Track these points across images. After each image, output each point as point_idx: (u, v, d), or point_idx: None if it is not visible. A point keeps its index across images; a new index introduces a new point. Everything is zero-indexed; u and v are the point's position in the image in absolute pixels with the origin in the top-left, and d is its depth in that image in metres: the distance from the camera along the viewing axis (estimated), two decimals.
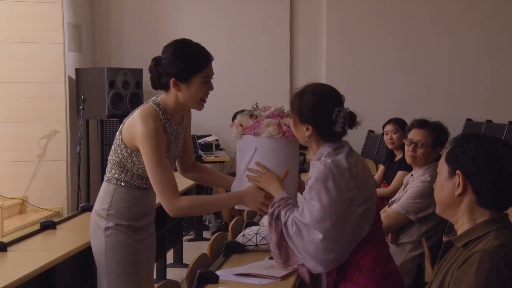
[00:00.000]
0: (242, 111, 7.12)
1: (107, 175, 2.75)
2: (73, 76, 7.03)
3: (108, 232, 2.69)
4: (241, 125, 2.71)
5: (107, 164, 2.79)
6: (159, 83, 2.68)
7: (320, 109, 2.43)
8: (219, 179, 3.06)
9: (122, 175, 2.70)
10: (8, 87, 6.65)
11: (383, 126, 5.25)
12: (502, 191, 1.80)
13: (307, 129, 2.44)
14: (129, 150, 2.65)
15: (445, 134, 3.63)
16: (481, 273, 1.69)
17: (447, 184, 1.87)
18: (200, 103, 2.76)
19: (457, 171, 1.83)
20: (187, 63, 2.66)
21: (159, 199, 2.63)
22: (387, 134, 5.08)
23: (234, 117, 6.96)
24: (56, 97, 6.79)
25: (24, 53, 6.68)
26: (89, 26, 7.65)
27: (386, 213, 3.48)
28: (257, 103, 2.87)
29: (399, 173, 4.68)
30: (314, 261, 2.34)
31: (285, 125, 2.62)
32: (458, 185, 1.83)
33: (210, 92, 2.80)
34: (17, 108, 6.68)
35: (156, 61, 2.69)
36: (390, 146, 5.08)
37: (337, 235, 2.33)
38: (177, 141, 2.81)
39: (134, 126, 2.62)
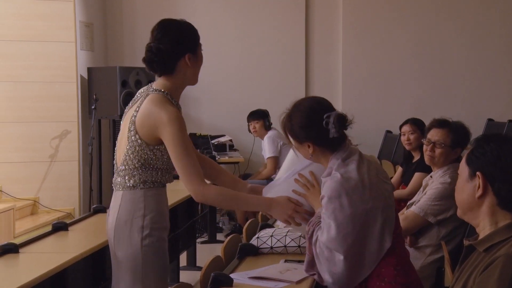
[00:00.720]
0: (258, 111, 7.11)
1: (127, 183, 2.64)
2: (85, 76, 7.07)
3: (146, 241, 2.62)
4: None
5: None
6: (166, 67, 2.64)
7: (310, 123, 2.45)
8: (228, 179, 2.92)
9: (149, 176, 2.65)
10: (20, 87, 6.69)
11: (400, 127, 5.22)
12: None
13: (309, 147, 2.47)
14: (151, 147, 2.61)
15: (466, 134, 3.60)
16: (504, 278, 1.68)
17: (467, 186, 1.86)
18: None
19: (477, 173, 1.82)
20: (193, 34, 2.68)
21: (184, 184, 2.59)
22: (404, 134, 5.06)
23: (250, 115, 7.01)
24: (67, 96, 6.82)
25: (35, 52, 6.72)
26: (101, 25, 7.69)
27: (405, 215, 3.46)
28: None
29: (417, 175, 4.66)
30: (340, 280, 2.37)
31: None
32: (478, 187, 1.82)
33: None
34: (28, 108, 6.71)
35: (157, 47, 2.62)
36: (407, 147, 5.06)
37: (360, 252, 2.35)
38: None
39: (151, 117, 2.57)
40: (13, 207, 5.90)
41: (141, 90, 2.75)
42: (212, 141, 7.16)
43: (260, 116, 6.74)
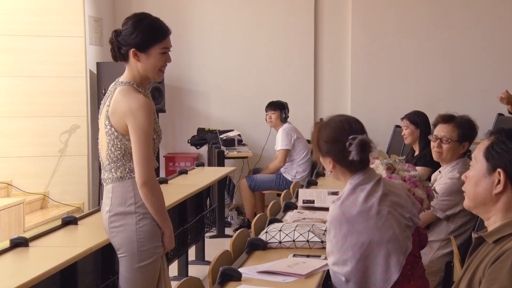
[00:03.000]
0: (278, 102, 7.06)
1: (115, 175, 2.80)
2: (94, 70, 7.08)
3: (140, 226, 2.78)
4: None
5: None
6: (120, 54, 2.86)
7: (334, 140, 2.47)
8: None
9: (133, 165, 2.76)
10: (29, 82, 6.72)
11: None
12: None
13: (329, 162, 2.51)
14: (127, 137, 2.76)
15: (472, 128, 3.59)
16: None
17: (484, 181, 1.84)
18: (158, 73, 2.86)
19: (498, 170, 1.80)
20: (146, 34, 2.81)
21: (138, 169, 2.71)
22: (402, 130, 5.08)
23: (268, 105, 6.99)
24: (77, 91, 6.84)
25: (45, 47, 6.74)
26: (110, 20, 7.70)
27: None
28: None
29: (418, 169, 4.65)
30: None
31: (414, 194, 2.65)
32: (497, 183, 1.80)
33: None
34: (38, 103, 6.74)
35: (117, 32, 2.85)
36: (406, 142, 5.07)
37: (362, 278, 2.36)
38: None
39: (121, 108, 2.74)
40: (23, 201, 5.93)
41: (111, 85, 2.91)
42: (221, 136, 7.17)
43: (277, 107, 6.74)
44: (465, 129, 3.56)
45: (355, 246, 2.35)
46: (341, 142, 2.43)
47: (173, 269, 4.91)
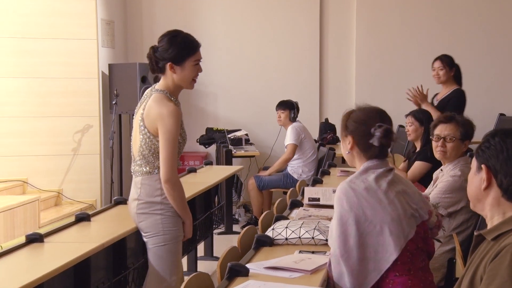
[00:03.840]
0: (288, 101, 7.06)
1: (144, 169, 3.12)
2: (106, 72, 7.10)
3: (165, 215, 3.10)
4: None
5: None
6: (157, 67, 3.14)
7: (362, 121, 2.50)
8: None
9: (159, 163, 3.07)
10: (43, 83, 6.75)
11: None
12: None
13: (349, 142, 2.52)
14: (157, 138, 3.06)
15: (472, 127, 3.60)
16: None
17: (475, 179, 1.88)
18: (191, 83, 3.18)
19: (482, 166, 1.84)
20: (180, 49, 3.10)
21: (163, 168, 3.03)
22: (405, 127, 5.07)
23: (278, 104, 7.01)
24: (89, 92, 6.86)
25: (58, 49, 6.76)
26: (122, 22, 7.72)
27: None
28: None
29: (417, 163, 4.66)
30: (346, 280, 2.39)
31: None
32: (483, 179, 1.83)
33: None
34: (52, 103, 6.77)
35: (154, 49, 3.15)
36: (408, 139, 5.06)
37: (361, 254, 2.34)
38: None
39: (154, 113, 3.05)
40: (38, 198, 5.95)
41: (147, 91, 3.22)
42: (229, 135, 7.17)
43: (287, 106, 6.73)
44: (467, 128, 3.57)
45: (358, 220, 2.35)
46: (368, 125, 2.46)
47: (182, 264, 4.92)
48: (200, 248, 5.38)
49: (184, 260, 4.95)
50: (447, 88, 5.56)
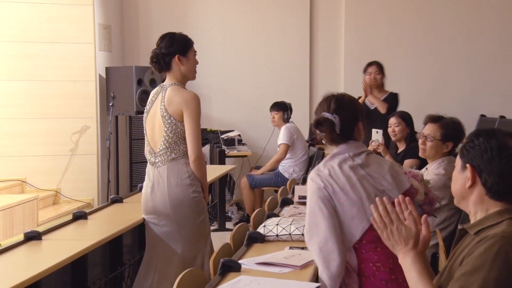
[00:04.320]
0: (281, 102, 7.07)
1: (170, 157, 3.36)
2: (103, 75, 7.08)
3: (194, 195, 3.38)
4: None
5: (159, 151, 3.39)
6: (164, 64, 3.40)
7: (315, 113, 2.55)
8: None
9: (185, 148, 3.35)
10: (42, 85, 6.72)
11: (388, 119, 5.22)
12: (510, 184, 1.79)
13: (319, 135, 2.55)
14: (182, 123, 3.34)
15: (456, 129, 3.59)
16: (487, 255, 1.69)
17: (459, 177, 1.88)
18: (195, 73, 3.50)
19: (467, 165, 1.84)
20: (182, 42, 3.43)
21: (191, 148, 3.32)
22: (390, 126, 5.05)
23: (272, 106, 7.01)
24: (87, 94, 6.84)
25: (57, 53, 6.74)
26: (119, 27, 7.70)
27: None
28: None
29: (407, 161, 4.66)
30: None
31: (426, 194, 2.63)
32: (468, 178, 1.84)
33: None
34: (51, 105, 6.74)
35: (158, 49, 3.41)
36: (393, 138, 5.04)
37: (318, 232, 2.34)
38: None
39: (177, 99, 3.34)
40: (37, 197, 5.92)
41: (156, 89, 3.50)
42: (222, 136, 7.16)
43: (281, 108, 6.73)
44: (448, 130, 3.56)
45: (325, 204, 2.35)
46: (322, 110, 2.51)
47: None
48: None
49: None
50: (382, 92, 5.70)
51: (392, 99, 5.73)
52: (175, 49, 3.37)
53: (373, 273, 2.35)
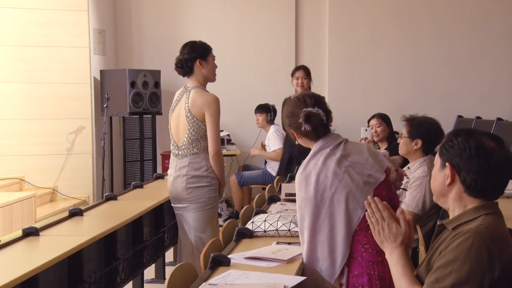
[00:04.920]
0: (264, 105, 7.03)
1: (192, 151, 3.64)
2: (98, 77, 7.05)
3: (210, 186, 3.66)
4: None
5: (182, 146, 3.66)
6: (187, 68, 3.68)
7: (292, 114, 2.49)
8: None
9: (205, 144, 3.63)
10: (39, 87, 6.69)
11: (368, 121, 5.23)
12: (487, 182, 1.80)
13: (293, 134, 2.53)
14: (204, 123, 3.61)
15: (422, 126, 3.52)
16: (461, 249, 1.70)
17: (439, 175, 1.88)
18: (215, 75, 3.77)
19: (446, 163, 1.84)
20: (202, 48, 3.72)
21: (212, 145, 3.61)
22: (372, 128, 5.07)
23: (256, 108, 6.96)
24: (82, 96, 6.82)
25: (53, 56, 6.71)
26: (113, 32, 7.66)
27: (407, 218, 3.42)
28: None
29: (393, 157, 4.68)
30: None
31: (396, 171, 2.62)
32: (448, 176, 1.84)
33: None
34: (47, 106, 6.71)
35: (181, 55, 3.70)
36: (375, 139, 5.06)
37: (324, 233, 2.35)
38: None
39: (200, 101, 3.61)
40: (34, 195, 5.89)
41: (180, 90, 3.76)
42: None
43: (264, 110, 6.73)
44: (414, 127, 3.54)
45: (317, 205, 2.35)
46: (297, 115, 2.45)
47: (169, 255, 4.90)
48: None
49: (171, 252, 4.93)
50: None
51: None
52: (196, 54, 3.65)
53: (361, 254, 2.36)
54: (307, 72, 5.63)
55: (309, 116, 2.44)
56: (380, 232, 1.96)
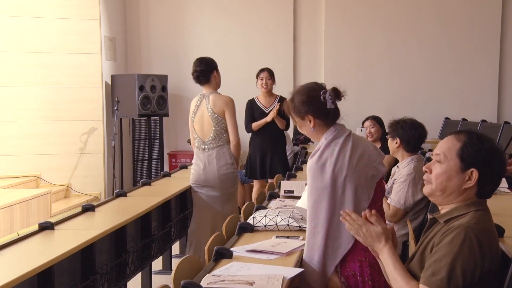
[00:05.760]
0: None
1: (218, 143, 4.20)
2: (109, 82, 7.05)
3: (233, 171, 4.26)
4: None
5: (207, 140, 4.22)
6: (206, 78, 4.24)
7: (310, 98, 2.40)
8: None
9: (227, 138, 4.21)
10: (55, 91, 6.69)
11: (363, 123, 5.23)
12: (497, 186, 1.80)
13: (310, 121, 2.41)
14: (224, 120, 4.18)
15: (399, 127, 3.53)
16: (455, 244, 1.70)
17: (456, 177, 1.80)
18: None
19: (472, 169, 1.77)
20: (213, 61, 4.33)
21: (233, 136, 4.21)
22: (366, 129, 5.07)
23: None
24: (94, 99, 6.81)
25: (68, 63, 6.71)
26: (123, 39, 7.66)
27: (391, 212, 3.42)
28: None
29: (386, 156, 4.67)
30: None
31: None
32: (468, 179, 1.78)
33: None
34: (62, 109, 6.71)
35: (199, 68, 4.24)
36: (370, 139, 5.06)
37: (336, 224, 2.31)
38: None
39: (221, 102, 4.20)
40: (50, 191, 5.89)
41: (198, 97, 4.29)
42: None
43: None
44: (392, 127, 3.58)
45: (331, 195, 2.31)
46: (316, 97, 2.38)
47: (175, 248, 4.89)
48: None
49: (177, 245, 4.92)
50: (271, 97, 5.70)
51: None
52: (212, 67, 4.25)
53: (355, 242, 2.32)
54: (271, 73, 5.68)
55: (336, 91, 2.39)
56: (366, 238, 1.92)
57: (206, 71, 4.20)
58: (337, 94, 2.40)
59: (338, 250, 2.34)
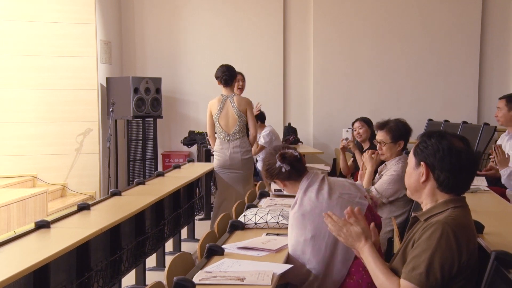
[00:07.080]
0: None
1: (241, 135, 4.86)
2: (104, 84, 7.01)
3: (252, 158, 4.95)
4: None
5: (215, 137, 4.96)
6: (231, 82, 4.89)
7: (268, 170, 2.51)
8: None
9: (247, 130, 4.85)
10: (52, 94, 6.65)
11: (352, 124, 5.25)
12: (458, 179, 1.81)
13: (280, 182, 2.54)
14: (245, 116, 4.84)
15: (402, 128, 3.53)
16: (433, 239, 1.71)
17: (414, 173, 1.88)
18: None
19: (421, 163, 1.84)
20: (234, 69, 4.97)
21: (252, 132, 4.90)
22: (355, 130, 5.08)
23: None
24: (90, 101, 6.78)
25: (64, 66, 6.67)
26: (118, 43, 7.63)
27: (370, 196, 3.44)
28: None
29: (371, 151, 4.67)
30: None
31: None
32: (422, 174, 1.84)
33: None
34: (58, 111, 6.67)
35: (226, 74, 4.88)
36: (359, 139, 5.07)
37: (330, 253, 2.35)
38: None
39: (244, 102, 4.86)
40: (46, 190, 5.84)
41: (218, 98, 4.89)
42: (207, 137, 7.11)
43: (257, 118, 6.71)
44: (395, 131, 3.53)
45: (314, 235, 2.34)
46: (274, 163, 2.46)
47: (168, 245, 4.88)
48: (184, 232, 5.33)
49: (170, 242, 4.90)
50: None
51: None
52: (235, 73, 4.94)
53: (362, 277, 2.35)
54: (242, 76, 5.71)
55: (283, 156, 2.43)
56: (347, 239, 1.94)
57: (232, 76, 4.85)
58: (283, 158, 2.44)
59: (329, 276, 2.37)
